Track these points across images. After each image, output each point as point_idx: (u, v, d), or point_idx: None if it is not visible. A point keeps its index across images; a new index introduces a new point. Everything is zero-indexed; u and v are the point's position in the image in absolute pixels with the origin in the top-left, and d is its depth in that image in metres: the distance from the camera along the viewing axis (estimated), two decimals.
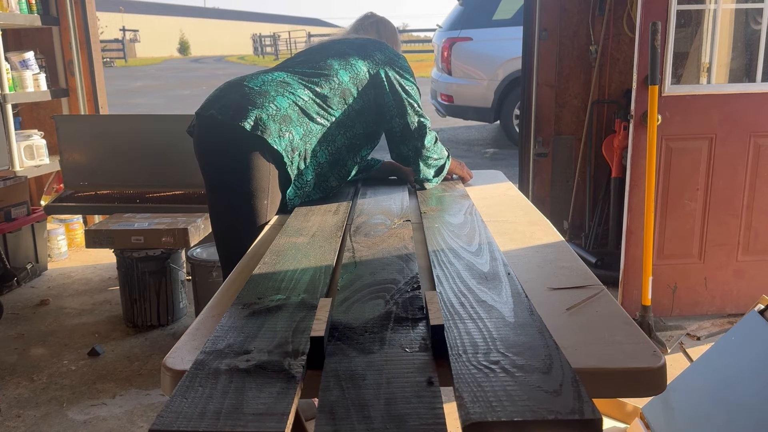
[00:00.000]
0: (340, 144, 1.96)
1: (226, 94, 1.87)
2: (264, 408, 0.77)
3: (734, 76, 3.12)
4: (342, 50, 2.02)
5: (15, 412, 2.41)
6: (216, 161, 1.87)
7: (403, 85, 2.00)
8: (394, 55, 2.05)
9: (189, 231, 2.99)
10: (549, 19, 3.70)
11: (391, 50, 2.07)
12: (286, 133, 1.80)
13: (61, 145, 3.46)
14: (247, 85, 1.87)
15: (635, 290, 2.95)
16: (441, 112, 8.33)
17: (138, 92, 16.01)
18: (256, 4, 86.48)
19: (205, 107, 1.87)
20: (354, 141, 2.00)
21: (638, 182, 2.85)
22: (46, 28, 4.17)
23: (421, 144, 2.02)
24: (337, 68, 1.94)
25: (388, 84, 1.98)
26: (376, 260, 1.34)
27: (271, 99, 1.81)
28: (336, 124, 1.93)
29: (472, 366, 0.85)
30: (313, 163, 1.90)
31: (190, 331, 1.09)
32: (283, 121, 1.80)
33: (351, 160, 2.03)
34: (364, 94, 1.97)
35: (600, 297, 1.17)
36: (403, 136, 2.01)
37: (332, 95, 1.91)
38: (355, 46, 2.05)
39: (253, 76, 1.93)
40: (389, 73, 1.99)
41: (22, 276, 3.72)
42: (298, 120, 1.84)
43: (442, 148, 2.11)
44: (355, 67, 1.96)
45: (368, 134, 2.04)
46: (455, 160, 2.23)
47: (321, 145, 1.91)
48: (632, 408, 2.12)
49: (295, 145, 1.83)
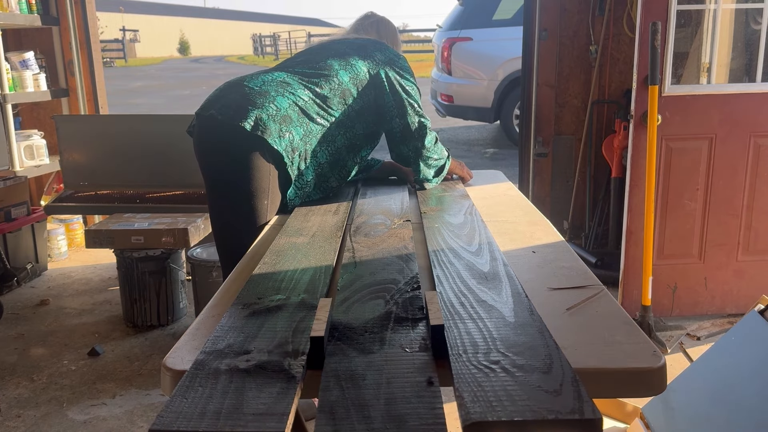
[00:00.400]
0: (340, 144, 1.96)
1: (226, 94, 1.87)
2: (264, 408, 0.77)
3: (734, 76, 3.12)
4: (342, 50, 2.02)
5: (15, 412, 2.41)
6: (216, 161, 1.86)
7: (403, 85, 2.00)
8: (394, 56, 2.04)
9: (189, 231, 2.99)
10: (549, 19, 3.70)
11: (391, 50, 2.07)
12: (286, 134, 1.80)
13: (61, 145, 3.46)
14: (247, 85, 1.86)
15: (635, 290, 2.95)
16: (441, 112, 8.33)
17: (138, 92, 16.01)
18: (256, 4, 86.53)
19: (205, 107, 1.87)
20: (354, 141, 2.00)
21: (638, 182, 2.85)
22: (46, 28, 4.17)
23: (421, 144, 2.02)
24: (337, 68, 1.94)
25: (389, 84, 1.98)
26: (376, 260, 1.34)
27: (271, 99, 1.81)
28: (336, 125, 1.93)
29: (472, 366, 0.85)
30: (314, 163, 1.90)
31: (190, 331, 1.09)
32: (283, 121, 1.80)
33: (351, 160, 2.03)
34: (364, 94, 1.97)
35: (600, 297, 1.17)
36: (403, 136, 2.01)
37: (332, 95, 1.91)
38: (355, 46, 2.04)
39: (253, 76, 1.92)
40: (389, 73, 1.99)
41: (22, 276, 3.72)
42: (299, 120, 1.84)
43: (442, 149, 2.11)
44: (355, 68, 1.96)
45: (368, 134, 2.04)
46: (455, 160, 2.23)
47: (321, 146, 1.91)
48: (632, 408, 2.12)
49: (296, 145, 1.83)
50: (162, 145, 3.37)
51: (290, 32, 33.79)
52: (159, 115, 3.40)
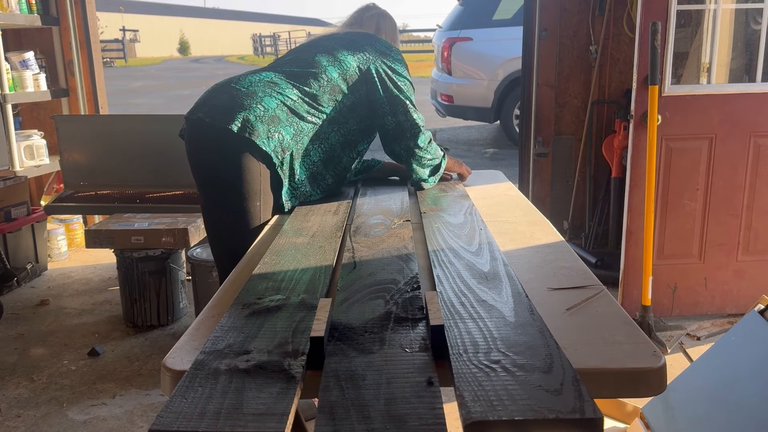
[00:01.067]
0: (334, 141, 1.94)
1: (214, 97, 1.86)
2: (264, 408, 0.77)
3: (734, 76, 3.12)
4: (330, 46, 1.98)
5: (15, 412, 2.41)
6: (206, 164, 1.86)
7: (395, 81, 1.96)
8: (386, 48, 2.00)
9: (189, 231, 2.99)
10: (549, 19, 3.70)
11: (383, 43, 2.02)
12: (275, 134, 1.78)
13: (61, 145, 3.46)
14: (234, 86, 1.85)
15: (635, 290, 2.95)
16: (441, 112, 8.33)
17: (138, 92, 16.01)
18: (256, 4, 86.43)
19: (193, 110, 1.86)
20: (348, 137, 1.97)
21: (638, 182, 2.85)
22: (46, 28, 4.17)
23: (414, 143, 1.99)
24: (325, 65, 1.91)
25: (380, 81, 1.94)
26: (376, 260, 1.34)
27: (258, 100, 1.80)
28: (328, 122, 1.90)
29: (472, 365, 0.85)
30: (307, 162, 1.89)
31: (190, 331, 1.09)
32: (271, 121, 1.78)
33: (347, 156, 2.00)
34: (355, 89, 1.94)
35: (600, 297, 1.17)
36: (395, 134, 1.98)
37: (321, 93, 1.88)
38: (345, 41, 2.00)
39: (240, 77, 1.91)
40: (380, 68, 1.95)
41: (22, 276, 3.72)
42: (288, 120, 1.82)
43: (436, 148, 2.07)
44: (344, 63, 1.92)
45: (363, 129, 2.00)
46: (452, 158, 2.21)
47: (313, 144, 1.89)
48: (632, 408, 2.12)
49: (286, 145, 1.81)
50: (162, 145, 3.36)
51: (290, 32, 33.79)
52: (159, 115, 3.40)
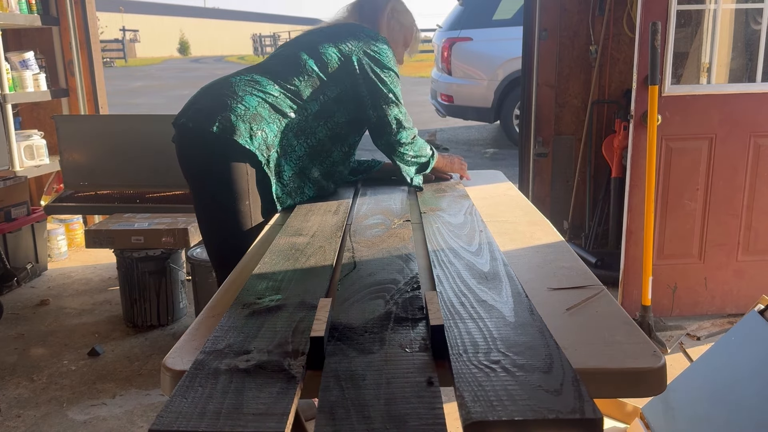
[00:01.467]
0: (322, 136, 1.91)
1: (197, 101, 1.87)
2: (264, 408, 0.77)
3: (734, 76, 3.12)
4: (312, 40, 1.96)
5: (15, 412, 2.41)
6: (193, 168, 1.87)
7: (378, 73, 1.91)
8: (370, 39, 1.93)
9: (189, 231, 2.99)
10: (549, 19, 3.70)
11: (367, 33, 1.95)
12: (258, 132, 1.77)
13: (61, 145, 3.45)
14: (217, 88, 1.86)
15: (635, 290, 2.95)
16: (441, 112, 8.33)
17: (138, 92, 16.00)
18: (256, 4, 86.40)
19: (178, 116, 1.87)
20: (336, 131, 1.94)
21: (638, 182, 2.85)
22: (46, 28, 4.17)
23: (395, 139, 1.95)
24: (306, 59, 1.89)
25: (362, 73, 1.90)
26: (376, 260, 1.34)
27: (239, 99, 1.79)
28: (314, 116, 1.89)
29: (472, 365, 0.85)
30: (292, 157, 1.87)
31: (190, 331, 1.09)
32: (253, 120, 1.78)
33: (338, 149, 1.98)
34: (339, 81, 1.90)
35: (600, 297, 1.17)
36: (378, 129, 1.95)
37: (304, 88, 1.87)
38: (327, 34, 1.97)
39: (223, 78, 1.91)
40: (363, 60, 1.90)
41: (22, 276, 3.72)
42: (270, 117, 1.81)
43: (422, 146, 2.03)
44: (325, 56, 1.90)
45: (351, 121, 1.97)
46: (444, 156, 2.18)
47: (299, 139, 1.87)
48: (632, 408, 2.12)
49: (270, 142, 1.80)
50: (162, 145, 3.33)
51: (290, 32, 33.75)
52: (159, 115, 3.39)
